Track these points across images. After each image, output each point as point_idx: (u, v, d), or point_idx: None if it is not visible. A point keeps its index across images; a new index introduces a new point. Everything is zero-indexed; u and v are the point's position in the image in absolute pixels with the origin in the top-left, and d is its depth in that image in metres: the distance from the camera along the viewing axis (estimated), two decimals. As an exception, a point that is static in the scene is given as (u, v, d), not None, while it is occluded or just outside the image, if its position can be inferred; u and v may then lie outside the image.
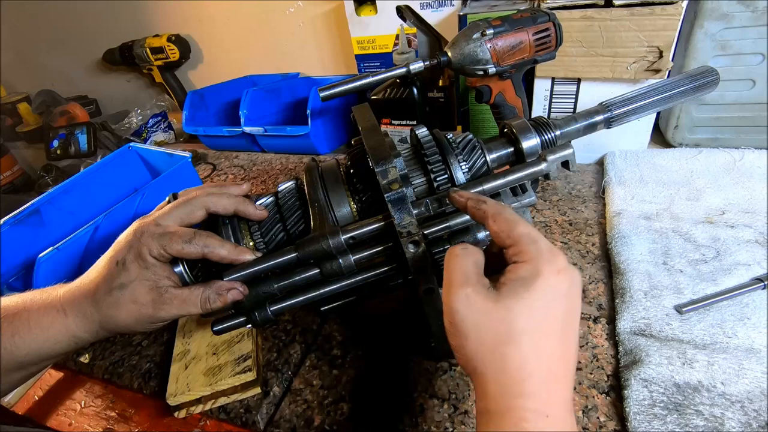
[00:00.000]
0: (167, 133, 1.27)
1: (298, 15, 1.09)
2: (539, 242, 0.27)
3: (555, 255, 0.26)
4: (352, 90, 0.55)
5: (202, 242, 0.36)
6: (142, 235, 0.35)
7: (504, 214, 0.29)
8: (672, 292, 0.45)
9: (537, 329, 0.25)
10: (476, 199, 0.31)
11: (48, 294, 0.37)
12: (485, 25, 0.51)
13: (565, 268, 0.26)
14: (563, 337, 0.26)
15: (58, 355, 0.37)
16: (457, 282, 0.27)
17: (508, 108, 0.59)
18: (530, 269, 0.26)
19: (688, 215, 0.55)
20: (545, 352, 0.25)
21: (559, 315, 0.26)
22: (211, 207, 0.38)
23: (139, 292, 0.35)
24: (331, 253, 0.35)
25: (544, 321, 0.25)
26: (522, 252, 0.27)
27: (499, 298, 0.26)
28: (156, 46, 1.21)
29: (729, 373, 0.37)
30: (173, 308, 0.36)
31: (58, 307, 0.36)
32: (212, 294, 0.36)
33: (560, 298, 0.26)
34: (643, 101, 0.43)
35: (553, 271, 0.26)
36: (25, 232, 0.64)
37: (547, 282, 0.25)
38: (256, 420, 0.43)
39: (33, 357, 0.36)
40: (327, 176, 0.40)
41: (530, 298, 0.25)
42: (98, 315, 0.35)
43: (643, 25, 0.57)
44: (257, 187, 0.87)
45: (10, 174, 1.32)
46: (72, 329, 0.36)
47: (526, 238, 0.27)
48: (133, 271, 0.35)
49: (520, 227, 0.27)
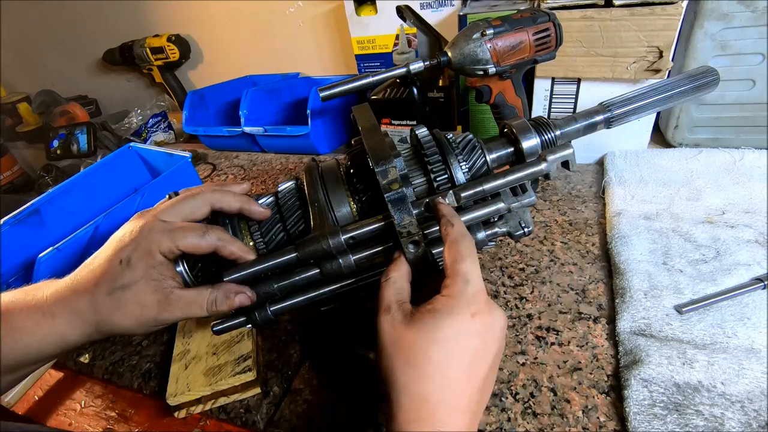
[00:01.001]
0: (167, 133, 1.27)
1: (298, 15, 1.09)
2: (469, 284, 0.28)
3: (476, 299, 0.28)
4: (352, 90, 0.55)
5: (216, 236, 0.35)
6: (150, 231, 0.33)
7: (459, 244, 0.30)
8: (672, 292, 0.45)
9: (441, 359, 0.27)
10: (448, 219, 0.32)
11: (32, 295, 0.34)
12: (485, 25, 0.51)
13: (482, 313, 0.28)
14: (470, 373, 0.27)
15: (45, 358, 0.35)
16: (381, 309, 0.30)
17: (508, 108, 0.59)
18: (447, 304, 0.28)
19: (688, 215, 0.55)
20: (447, 383, 0.27)
21: (466, 352, 0.27)
22: (215, 203, 0.37)
23: (144, 292, 0.33)
24: (331, 253, 0.35)
25: (450, 354, 0.27)
26: (450, 286, 0.29)
27: (410, 325, 0.28)
28: (156, 46, 1.21)
29: (729, 373, 0.37)
30: (178, 310, 0.34)
31: (45, 309, 0.33)
32: (220, 296, 0.35)
33: (471, 336, 0.28)
34: (643, 101, 0.43)
35: (467, 313, 0.28)
36: (25, 232, 0.64)
37: (458, 320, 0.27)
38: (256, 420, 0.43)
39: (17, 361, 0.33)
40: (327, 176, 0.40)
41: (437, 330, 0.27)
42: (94, 317, 0.33)
43: (643, 25, 0.57)
44: (257, 187, 0.87)
45: (10, 174, 1.33)
46: (60, 332, 0.33)
47: (460, 277, 0.29)
48: (139, 270, 0.33)
49: (463, 264, 0.29)
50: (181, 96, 1.30)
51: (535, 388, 0.41)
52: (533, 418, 0.38)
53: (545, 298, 0.49)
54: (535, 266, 0.54)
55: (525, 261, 0.55)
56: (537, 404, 0.39)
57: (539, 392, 0.40)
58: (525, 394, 0.40)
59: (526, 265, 0.54)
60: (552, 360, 0.43)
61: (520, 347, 0.45)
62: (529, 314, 0.48)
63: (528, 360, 0.43)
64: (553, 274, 0.52)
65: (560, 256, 0.55)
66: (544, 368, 0.42)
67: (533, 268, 0.54)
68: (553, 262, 0.54)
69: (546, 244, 0.57)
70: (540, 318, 0.47)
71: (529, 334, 0.46)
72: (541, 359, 0.43)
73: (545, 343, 0.45)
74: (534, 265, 0.54)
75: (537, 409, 0.39)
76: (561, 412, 0.38)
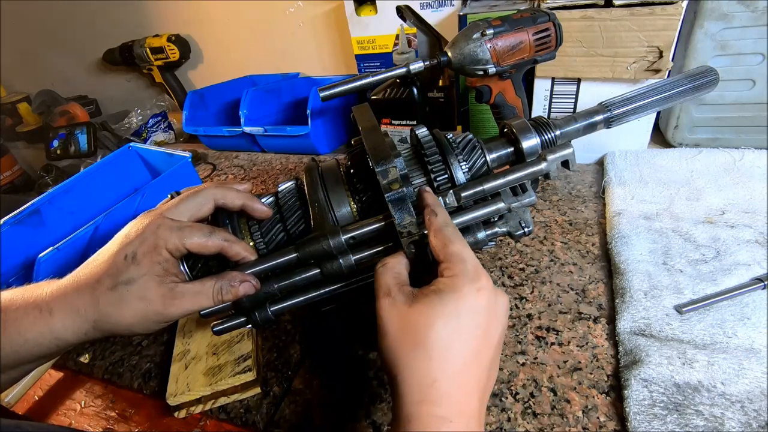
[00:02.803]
0: (167, 133, 1.27)
1: (298, 15, 1.09)
2: (467, 262, 0.28)
3: (479, 275, 0.28)
4: (352, 90, 0.55)
5: (223, 236, 0.35)
6: (158, 228, 0.33)
7: (444, 231, 0.30)
8: (672, 292, 0.45)
9: (447, 338, 0.26)
10: (432, 208, 0.32)
11: (31, 292, 0.33)
12: (485, 25, 0.51)
13: (486, 288, 0.28)
14: (477, 351, 0.27)
15: (42, 357, 0.34)
16: (380, 294, 0.30)
17: (508, 108, 0.59)
18: (450, 283, 0.28)
19: (688, 215, 0.55)
20: (454, 362, 0.26)
21: (473, 329, 0.27)
22: (219, 199, 0.37)
23: (148, 287, 0.32)
24: (331, 253, 0.35)
25: (456, 332, 0.27)
26: (449, 268, 0.28)
27: (414, 305, 0.28)
28: (156, 46, 1.21)
29: (729, 373, 0.37)
30: (185, 302, 0.34)
31: (42, 305, 0.32)
32: (226, 285, 0.35)
33: (476, 313, 0.27)
34: (643, 101, 0.43)
35: (472, 289, 0.27)
36: (25, 232, 0.64)
37: (463, 297, 0.27)
38: (256, 420, 0.43)
39: (13, 359, 0.32)
40: (327, 176, 0.40)
41: (443, 307, 0.27)
42: (94, 313, 0.32)
43: (643, 25, 0.57)
44: (257, 187, 0.87)
45: (10, 174, 1.33)
46: (56, 330, 0.32)
47: (456, 257, 0.29)
48: (144, 265, 0.32)
49: (454, 246, 0.29)
50: (181, 96, 1.30)
51: (535, 388, 0.41)
52: (533, 418, 0.38)
53: (545, 298, 0.49)
54: (535, 266, 0.54)
55: (525, 261, 0.55)
56: (537, 404, 0.39)
57: (539, 392, 0.40)
58: (525, 394, 0.40)
59: (526, 265, 0.54)
60: (552, 360, 0.43)
61: (520, 347, 0.45)
62: (529, 314, 0.48)
63: (528, 360, 0.43)
64: (553, 274, 0.52)
65: (560, 256, 0.55)
66: (544, 368, 0.42)
67: (533, 268, 0.54)
68: (553, 262, 0.54)
69: (546, 244, 0.57)
70: (540, 318, 0.47)
71: (529, 334, 0.46)
72: (541, 359, 0.43)
73: (545, 343, 0.45)
74: (534, 265, 0.54)
75: (537, 409, 0.39)
76: (561, 412, 0.38)
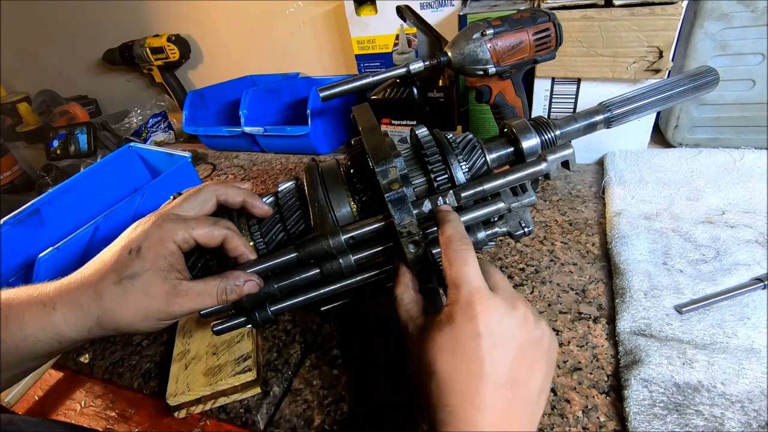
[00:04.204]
0: (167, 133, 1.27)
1: (298, 15, 1.09)
2: (461, 288, 0.28)
3: (470, 303, 0.27)
4: (352, 90, 0.55)
5: (226, 224, 0.36)
6: (164, 222, 0.33)
7: (447, 249, 0.30)
8: (672, 292, 0.45)
9: (451, 370, 0.27)
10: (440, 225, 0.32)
11: (35, 289, 0.33)
12: (485, 25, 0.51)
13: (483, 314, 0.27)
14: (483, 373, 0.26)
15: (44, 355, 0.33)
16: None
17: (508, 108, 0.59)
18: (447, 312, 0.28)
19: (688, 215, 0.55)
20: (457, 389, 0.26)
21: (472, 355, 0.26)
22: (221, 195, 0.38)
23: (152, 282, 0.32)
24: (331, 253, 0.35)
25: (459, 360, 0.27)
26: (450, 294, 0.29)
27: (422, 340, 0.29)
28: (156, 46, 1.21)
29: (729, 373, 0.37)
30: (188, 301, 0.33)
31: (46, 301, 0.32)
32: (229, 284, 0.35)
33: (468, 341, 0.27)
34: (643, 101, 0.43)
35: (465, 318, 0.27)
36: (25, 232, 0.64)
37: (458, 327, 0.27)
38: (256, 420, 0.43)
39: (15, 357, 0.32)
40: (327, 176, 0.40)
41: (442, 342, 0.27)
42: (98, 309, 0.32)
43: (643, 25, 0.57)
44: (257, 187, 0.87)
45: (10, 174, 1.33)
46: (58, 326, 0.32)
47: (452, 282, 0.29)
48: (148, 260, 0.32)
49: (452, 269, 0.29)
50: (181, 96, 1.30)
51: (535, 388, 0.41)
52: (533, 418, 0.38)
53: (545, 298, 0.49)
54: (535, 266, 0.54)
55: (525, 261, 0.55)
56: (537, 404, 0.39)
57: (539, 392, 0.40)
58: (525, 394, 0.40)
59: (526, 265, 0.54)
60: (552, 360, 0.43)
61: (520, 347, 0.44)
62: (529, 314, 0.48)
63: (528, 360, 0.43)
64: (553, 274, 0.52)
65: (560, 256, 0.55)
66: (544, 368, 0.42)
67: (533, 268, 0.54)
68: (553, 262, 0.54)
69: (546, 244, 0.57)
70: (540, 318, 0.47)
71: (529, 334, 0.46)
72: (541, 359, 0.43)
73: (545, 343, 0.44)
74: (534, 265, 0.54)
75: (537, 409, 0.39)
76: (561, 412, 0.38)
